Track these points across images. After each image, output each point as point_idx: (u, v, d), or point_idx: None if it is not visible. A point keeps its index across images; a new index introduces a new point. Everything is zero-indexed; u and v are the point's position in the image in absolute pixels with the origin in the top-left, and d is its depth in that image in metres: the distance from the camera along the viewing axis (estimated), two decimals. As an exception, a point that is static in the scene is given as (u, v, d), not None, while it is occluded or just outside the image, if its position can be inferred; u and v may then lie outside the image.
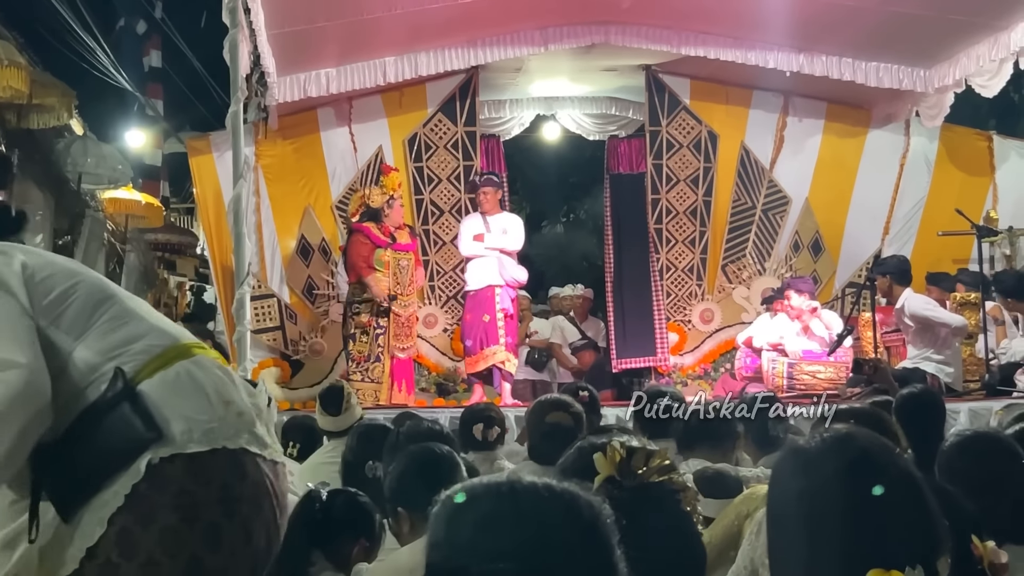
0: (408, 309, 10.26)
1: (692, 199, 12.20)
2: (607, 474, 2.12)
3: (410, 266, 10.31)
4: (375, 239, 10.11)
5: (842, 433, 1.98)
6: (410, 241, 10.45)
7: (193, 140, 11.96)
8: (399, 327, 10.15)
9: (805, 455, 1.95)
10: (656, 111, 12.18)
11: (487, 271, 10.37)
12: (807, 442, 1.98)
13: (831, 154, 12.52)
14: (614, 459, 2.12)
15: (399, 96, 11.82)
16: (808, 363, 10.01)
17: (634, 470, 2.12)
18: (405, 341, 10.22)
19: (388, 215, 10.23)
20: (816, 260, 12.42)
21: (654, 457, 2.14)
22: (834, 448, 1.94)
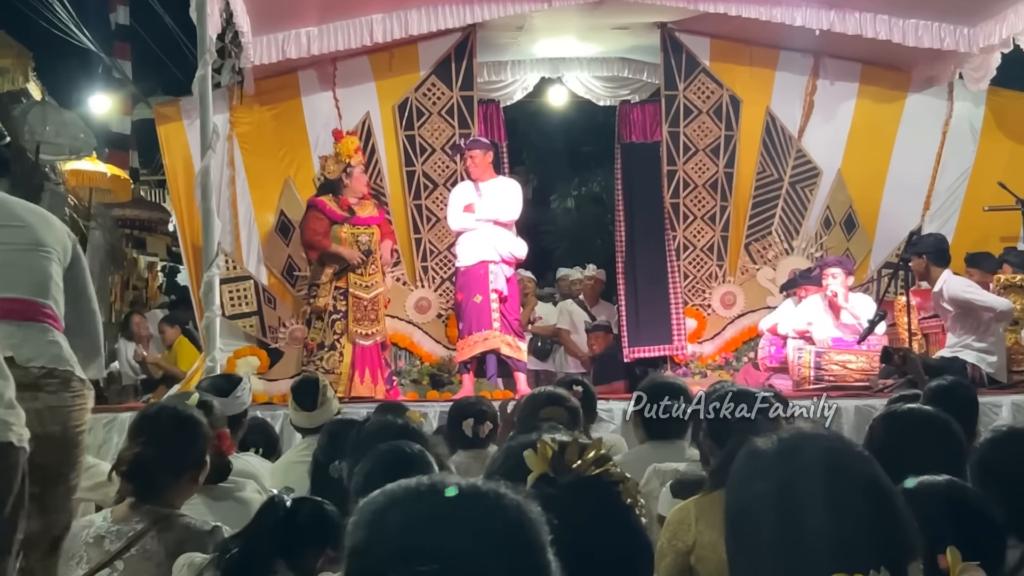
0: (372, 290, 10.25)
1: (712, 171, 12.22)
2: (540, 471, 2.16)
3: (372, 242, 10.29)
4: (330, 213, 10.16)
5: (802, 433, 2.03)
6: (376, 213, 10.46)
7: (162, 106, 11.98)
8: (361, 311, 10.16)
9: (764, 457, 2.00)
10: (672, 73, 12.19)
11: (479, 246, 10.34)
12: (766, 443, 2.03)
13: (866, 121, 12.52)
14: (545, 455, 2.17)
15: (388, 58, 11.84)
16: (838, 352, 10.04)
17: (568, 464, 2.16)
18: (369, 326, 10.19)
19: (347, 185, 10.28)
20: (849, 238, 12.43)
21: (588, 449, 2.19)
22: (793, 449, 1.98)
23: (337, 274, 10.14)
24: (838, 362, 10.01)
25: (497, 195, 10.44)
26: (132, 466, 3.93)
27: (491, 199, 10.42)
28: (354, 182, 10.32)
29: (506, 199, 10.45)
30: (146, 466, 3.93)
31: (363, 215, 10.33)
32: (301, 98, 11.75)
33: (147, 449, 3.93)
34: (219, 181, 10.94)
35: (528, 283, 13.23)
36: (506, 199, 10.45)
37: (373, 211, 10.46)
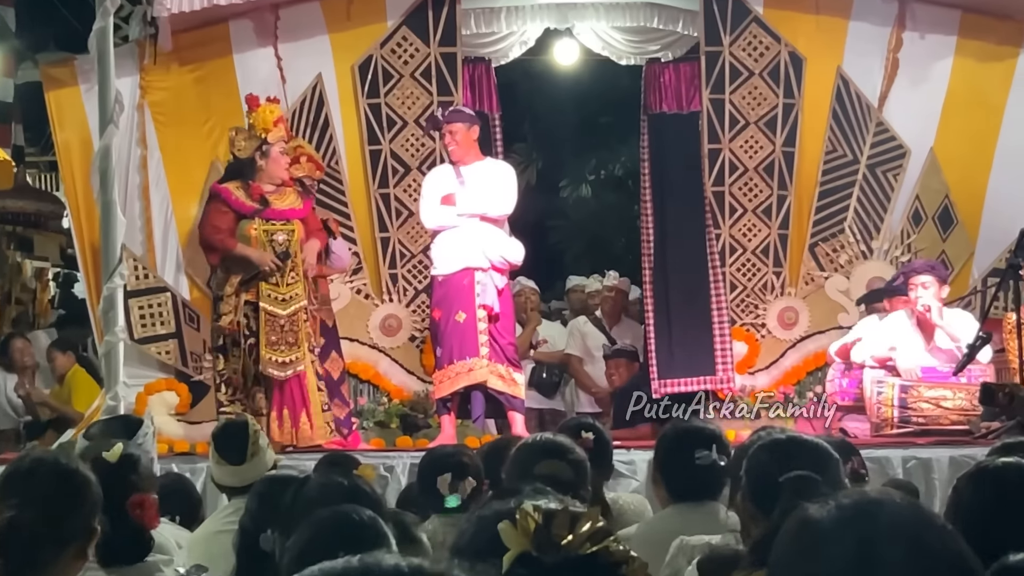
0: (290, 305, 10.03)
1: (767, 150, 12.26)
2: (520, 549, 2.16)
3: (292, 242, 10.11)
4: (236, 204, 10.03)
5: (867, 498, 2.03)
6: (298, 205, 10.31)
7: (51, 66, 12.02)
8: (276, 332, 9.94)
9: (818, 529, 2.00)
10: (715, 24, 12.23)
11: (462, 248, 10.39)
12: (820, 511, 2.03)
13: (967, 85, 12.53)
14: (527, 527, 2.17)
15: (346, 3, 11.94)
16: (929, 386, 10.05)
17: (555, 540, 2.16)
18: (287, 352, 9.97)
19: (262, 168, 10.11)
20: (946, 237, 12.44)
21: (581, 520, 2.18)
22: (855, 520, 1.98)
23: (245, 284, 9.95)
24: (929, 399, 10.02)
25: (484, 183, 10.46)
26: (6, 536, 3.93)
27: (476, 188, 10.43)
28: (271, 164, 10.10)
29: (495, 188, 10.47)
30: (21, 535, 3.92)
31: (280, 206, 10.15)
32: (233, 56, 11.82)
33: (21, 513, 3.93)
34: (125, 164, 10.98)
35: (530, 296, 13.25)
36: (495, 188, 10.47)
37: (295, 202, 10.28)
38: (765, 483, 4.16)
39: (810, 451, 4.32)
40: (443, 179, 10.62)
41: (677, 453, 5.50)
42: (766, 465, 4.16)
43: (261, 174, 10.10)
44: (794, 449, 4.30)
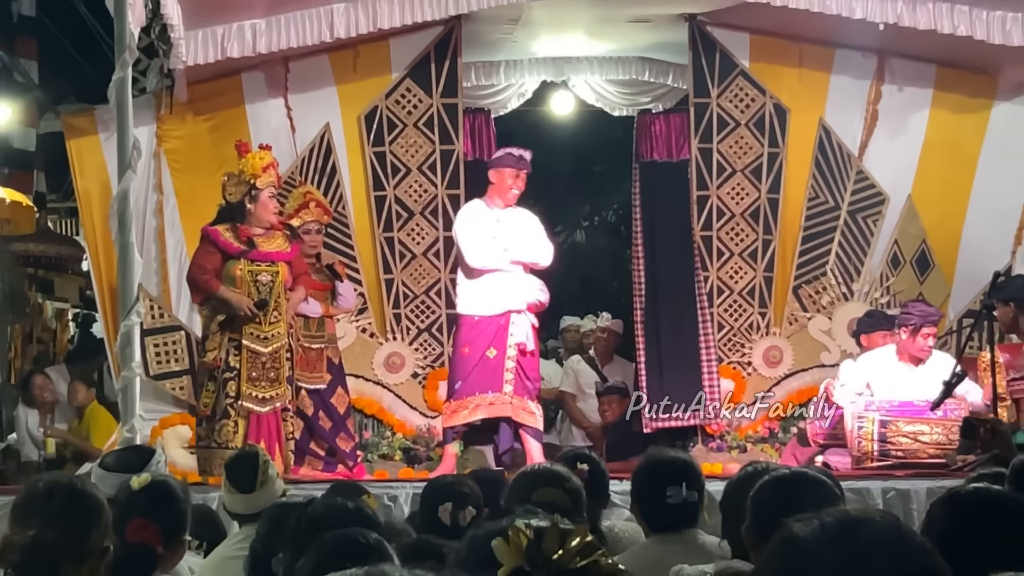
0: (271, 343, 9.96)
1: (752, 196, 12.28)
2: (513, 565, 2.16)
3: (276, 283, 10.01)
4: (224, 245, 9.94)
5: (849, 516, 2.03)
6: (285, 248, 10.20)
7: (72, 116, 12.05)
8: (257, 368, 9.87)
9: (802, 545, 2.00)
10: (703, 77, 12.26)
11: (503, 292, 10.57)
12: (804, 528, 2.03)
13: (942, 136, 12.58)
14: (519, 544, 2.17)
15: (353, 57, 11.94)
16: (907, 421, 10.05)
17: (547, 556, 2.16)
18: (267, 389, 9.89)
19: (251, 212, 10.03)
20: (923, 279, 12.45)
21: (571, 537, 2.19)
22: (838, 537, 1.98)
23: (228, 323, 9.88)
24: (908, 433, 10.02)
25: (521, 229, 10.69)
26: (25, 555, 3.92)
27: (513, 232, 10.62)
28: (259, 208, 10.02)
29: (540, 238, 10.79)
30: (44, 554, 3.92)
31: (267, 248, 10.05)
32: (245, 106, 11.85)
33: (41, 533, 3.92)
34: (142, 209, 11.00)
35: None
36: (540, 238, 10.79)
37: (283, 245, 10.18)
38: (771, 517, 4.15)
39: (814, 486, 4.32)
40: (486, 220, 10.70)
41: (650, 487, 5.48)
42: (772, 500, 4.15)
43: (250, 217, 10.03)
44: (799, 484, 4.30)
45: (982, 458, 9.03)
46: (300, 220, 10.73)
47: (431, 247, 11.90)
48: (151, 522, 4.54)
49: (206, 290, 9.90)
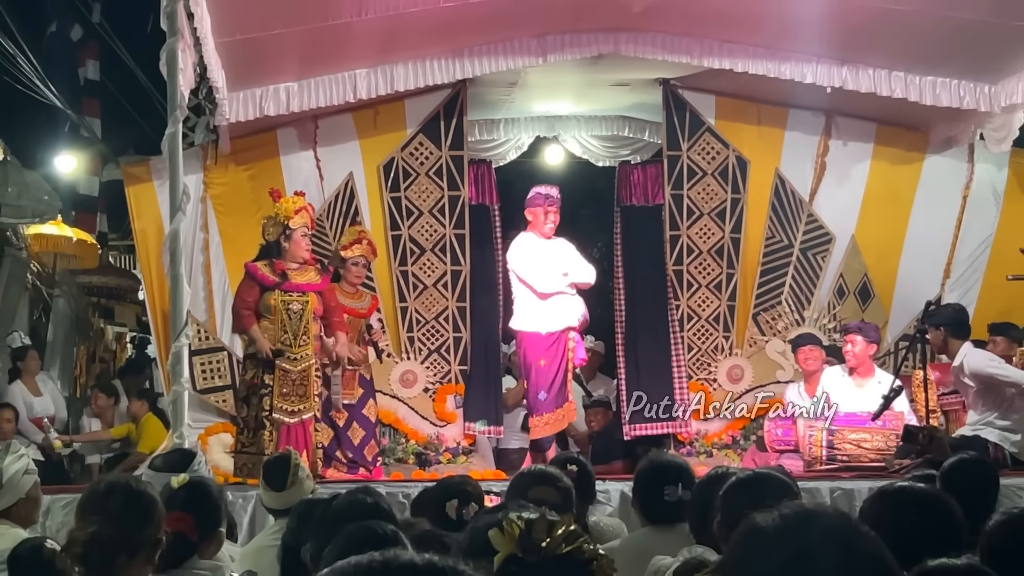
0: (300, 364, 9.92)
1: (718, 236, 12.27)
2: (507, 552, 2.16)
3: (305, 311, 9.99)
4: (261, 278, 9.95)
5: (804, 509, 2.03)
6: (316, 280, 10.17)
7: (131, 166, 12.04)
8: (288, 385, 9.85)
9: (764, 534, 2.00)
10: (675, 133, 12.26)
11: (563, 309, 10.89)
12: (765, 519, 2.03)
13: (882, 184, 12.60)
14: (512, 534, 2.17)
15: (373, 115, 11.93)
16: (852, 430, 10.04)
17: (536, 543, 2.16)
18: (297, 403, 9.86)
19: (287, 250, 10.03)
20: (864, 308, 12.45)
21: (557, 526, 2.19)
22: (795, 526, 1.98)
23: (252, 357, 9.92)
24: (852, 441, 10.01)
25: (568, 256, 10.95)
26: (87, 548, 3.91)
27: (570, 259, 10.98)
28: (293, 246, 10.02)
29: (579, 260, 11.04)
30: (103, 547, 3.91)
31: (299, 281, 10.04)
32: (280, 157, 11.83)
33: (102, 529, 3.92)
34: (191, 246, 11.01)
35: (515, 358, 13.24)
36: (579, 260, 11.04)
37: (314, 278, 10.16)
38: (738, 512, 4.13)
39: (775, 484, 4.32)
40: (543, 250, 11.10)
41: (650, 485, 5.52)
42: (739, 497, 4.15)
43: (285, 254, 10.03)
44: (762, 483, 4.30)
45: (917, 462, 9.04)
46: (351, 253, 10.82)
47: (440, 279, 11.89)
48: (187, 515, 4.54)
49: (242, 326, 9.99)
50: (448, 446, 11.59)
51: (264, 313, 9.89)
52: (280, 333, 9.85)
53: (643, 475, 5.70)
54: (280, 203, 10.11)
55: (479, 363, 12.02)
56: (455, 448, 11.64)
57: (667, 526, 5.42)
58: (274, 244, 10.07)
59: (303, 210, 10.11)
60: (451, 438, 11.66)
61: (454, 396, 11.81)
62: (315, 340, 10.04)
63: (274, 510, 6.14)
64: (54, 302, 15.58)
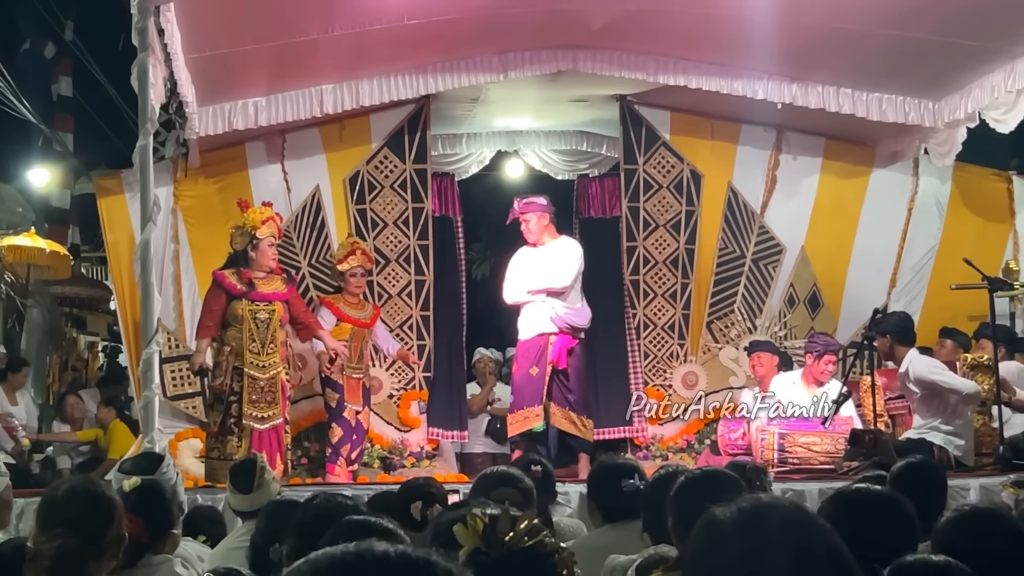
0: (268, 371, 9.92)
1: (673, 247, 12.29)
2: (471, 546, 2.15)
3: (272, 320, 9.98)
4: (229, 287, 9.92)
5: (762, 503, 2.02)
6: (282, 289, 10.16)
7: (103, 179, 11.97)
8: (257, 392, 9.83)
9: (722, 527, 1.99)
10: (632, 147, 12.29)
11: (537, 317, 10.75)
12: (724, 512, 2.02)
13: (830, 196, 12.66)
14: (476, 528, 2.16)
15: (339, 129, 11.91)
16: (802, 434, 10.06)
17: (500, 537, 2.15)
18: (265, 409, 9.86)
19: (254, 259, 10.03)
20: (814, 316, 12.51)
21: (520, 521, 2.18)
22: (753, 519, 1.97)
23: (233, 352, 9.90)
24: (802, 444, 10.03)
25: (553, 260, 10.75)
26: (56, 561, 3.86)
27: (547, 265, 10.73)
28: (260, 256, 10.02)
29: (558, 265, 10.74)
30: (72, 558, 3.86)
31: (265, 290, 10.02)
32: (248, 170, 11.78)
33: (67, 540, 3.86)
34: (162, 256, 10.94)
35: (488, 363, 13.23)
36: (558, 265, 10.74)
37: (280, 287, 10.15)
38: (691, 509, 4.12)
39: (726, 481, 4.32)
40: (521, 260, 11.04)
41: (605, 483, 5.52)
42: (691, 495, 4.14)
43: (252, 263, 10.03)
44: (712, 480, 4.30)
45: (865, 464, 9.07)
46: (348, 265, 10.84)
47: (404, 289, 11.87)
48: (138, 517, 4.49)
49: (197, 335, 10.10)
50: (412, 451, 11.57)
51: (231, 322, 9.87)
52: (248, 341, 9.84)
53: (597, 474, 5.72)
54: (248, 213, 10.10)
55: (442, 370, 12.02)
56: (419, 452, 11.62)
57: (625, 523, 5.41)
58: (241, 253, 10.06)
59: (270, 220, 10.10)
60: (415, 443, 11.65)
61: (418, 402, 11.79)
62: (282, 347, 10.02)
63: (241, 512, 6.11)
64: (27, 312, 15.46)
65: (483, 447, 12.69)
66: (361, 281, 10.92)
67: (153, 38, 8.16)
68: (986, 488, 8.37)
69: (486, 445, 12.70)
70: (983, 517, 3.57)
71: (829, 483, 8.88)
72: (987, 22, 9.82)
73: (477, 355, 13.20)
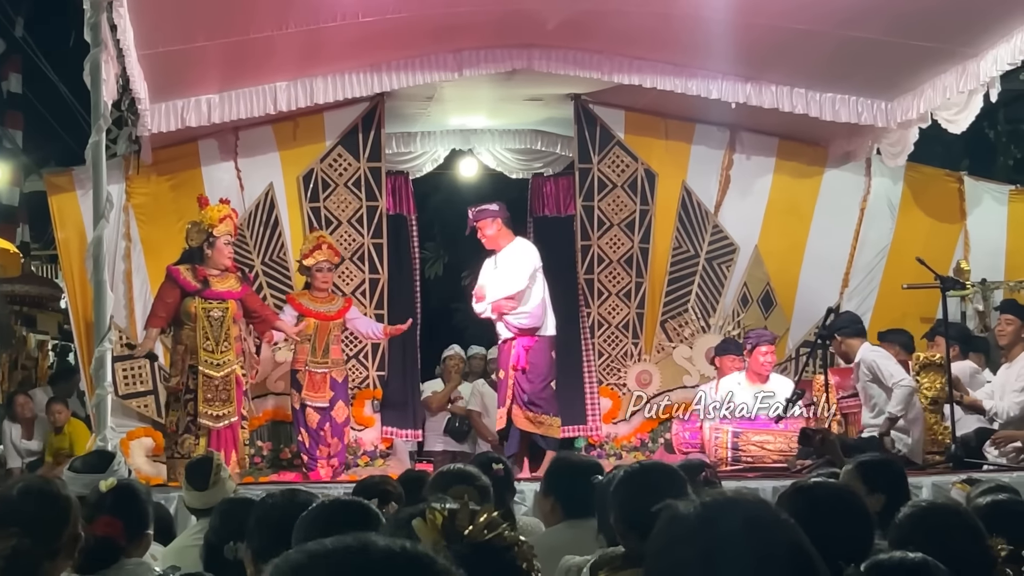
0: (223, 369, 9.86)
1: (627, 246, 12.31)
2: (430, 540, 2.14)
3: (226, 318, 9.93)
4: (183, 283, 9.87)
5: (725, 498, 2.02)
6: (236, 288, 10.10)
7: (53, 176, 11.90)
8: (211, 390, 9.78)
9: (686, 521, 1.99)
10: (586, 146, 12.31)
11: (500, 325, 10.82)
12: (687, 507, 2.02)
13: (783, 196, 12.72)
14: (436, 522, 2.15)
15: (293, 127, 11.86)
16: (755, 432, 10.11)
17: (459, 531, 2.15)
18: (221, 407, 9.81)
19: (209, 256, 9.97)
20: (767, 316, 12.56)
21: (479, 515, 2.18)
22: (717, 514, 1.97)
23: (188, 351, 9.85)
24: (756, 443, 10.09)
25: (505, 266, 10.74)
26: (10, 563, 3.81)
27: (502, 271, 10.73)
28: (216, 253, 9.96)
29: (511, 269, 10.70)
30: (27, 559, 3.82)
31: (219, 288, 9.97)
32: (201, 168, 11.73)
33: (22, 541, 3.82)
34: (113, 254, 10.87)
35: (457, 361, 13.29)
36: (511, 269, 10.70)
37: (234, 285, 10.09)
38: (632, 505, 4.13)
39: (662, 474, 4.33)
40: (486, 269, 11.00)
41: (566, 480, 5.52)
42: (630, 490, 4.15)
43: (208, 260, 9.98)
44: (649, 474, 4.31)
45: (818, 462, 9.13)
46: (314, 259, 10.70)
47: (359, 287, 11.84)
48: (116, 519, 4.47)
49: (147, 324, 10.07)
50: (366, 449, 11.54)
51: (184, 320, 9.84)
52: (202, 339, 9.79)
53: (558, 469, 5.71)
54: (206, 210, 10.06)
55: (396, 369, 12.02)
56: (373, 451, 11.58)
57: (582, 521, 5.40)
58: (197, 250, 10.01)
59: (227, 218, 10.07)
60: (369, 441, 11.61)
61: (372, 401, 11.76)
62: (236, 343, 9.98)
63: (195, 509, 6.07)
64: (-24, 310, 15.32)
65: (443, 445, 12.71)
66: (328, 276, 10.80)
67: (106, 34, 8.10)
68: (938, 486, 8.40)
69: (446, 443, 12.73)
70: (940, 513, 3.59)
71: (783, 481, 8.92)
72: (939, 23, 9.89)
73: (450, 351, 13.22)
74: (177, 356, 9.89)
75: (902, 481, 5.40)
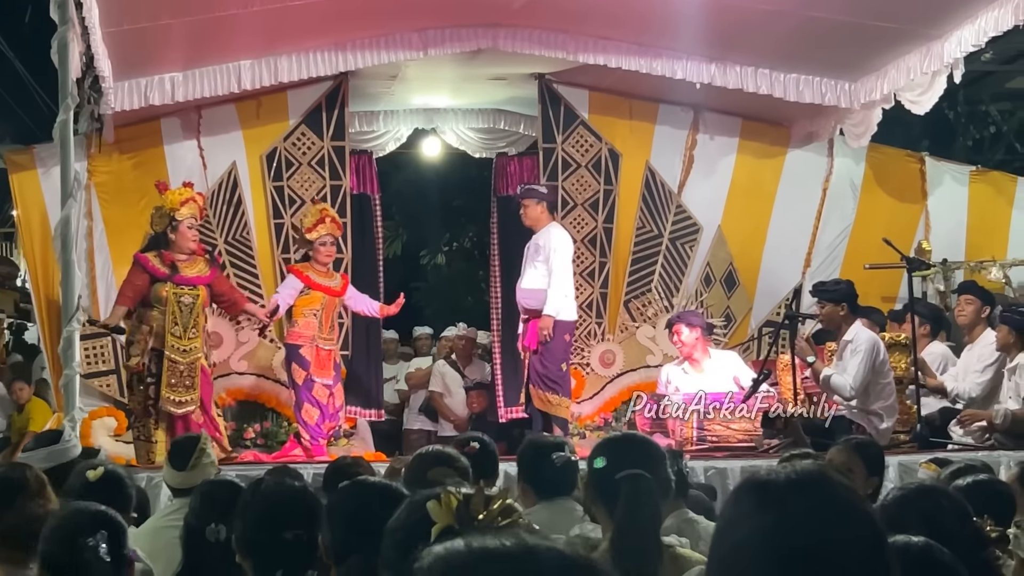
0: (189, 355, 9.81)
1: (591, 226, 12.35)
2: (445, 524, 2.16)
3: (196, 304, 9.88)
4: (152, 270, 9.79)
5: (813, 468, 2.02)
6: (205, 272, 10.06)
7: (14, 154, 11.83)
8: (176, 376, 9.72)
9: (774, 488, 1.99)
10: (550, 126, 12.32)
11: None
12: (772, 474, 2.01)
13: (746, 176, 12.78)
14: (450, 506, 2.17)
15: (256, 105, 11.83)
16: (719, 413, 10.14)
17: (473, 516, 2.16)
18: (184, 394, 9.73)
19: (174, 241, 9.89)
20: (730, 296, 12.63)
21: (494, 500, 2.19)
22: (806, 484, 1.97)
23: (153, 333, 9.78)
24: (721, 422, 10.11)
25: (533, 250, 10.75)
26: None
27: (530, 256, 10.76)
28: (180, 237, 9.88)
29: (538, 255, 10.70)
30: None
31: (189, 274, 9.91)
32: (163, 147, 11.68)
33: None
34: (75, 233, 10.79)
35: (420, 341, 13.30)
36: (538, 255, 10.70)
37: (203, 269, 10.05)
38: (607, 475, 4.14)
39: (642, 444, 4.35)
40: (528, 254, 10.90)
41: (536, 460, 5.53)
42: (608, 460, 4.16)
43: (173, 245, 9.90)
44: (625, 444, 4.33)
45: (784, 442, 9.20)
46: (317, 234, 10.55)
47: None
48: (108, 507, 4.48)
49: (115, 303, 9.95)
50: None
51: (155, 304, 9.76)
52: (171, 324, 9.74)
53: (527, 452, 5.71)
54: (166, 195, 9.96)
55: (360, 348, 12.04)
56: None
57: (557, 500, 5.42)
58: (161, 235, 9.95)
59: (190, 201, 9.98)
60: (333, 421, 11.61)
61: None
62: (203, 332, 9.95)
63: (174, 489, 6.05)
64: (-69, 289, 15.21)
65: (419, 424, 12.78)
66: (331, 250, 10.67)
67: (71, 11, 8.06)
68: (905, 465, 8.49)
69: (422, 422, 12.81)
70: (931, 495, 3.62)
71: (750, 460, 9.00)
72: (903, 4, 9.97)
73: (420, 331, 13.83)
74: (140, 336, 9.78)
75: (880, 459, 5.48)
